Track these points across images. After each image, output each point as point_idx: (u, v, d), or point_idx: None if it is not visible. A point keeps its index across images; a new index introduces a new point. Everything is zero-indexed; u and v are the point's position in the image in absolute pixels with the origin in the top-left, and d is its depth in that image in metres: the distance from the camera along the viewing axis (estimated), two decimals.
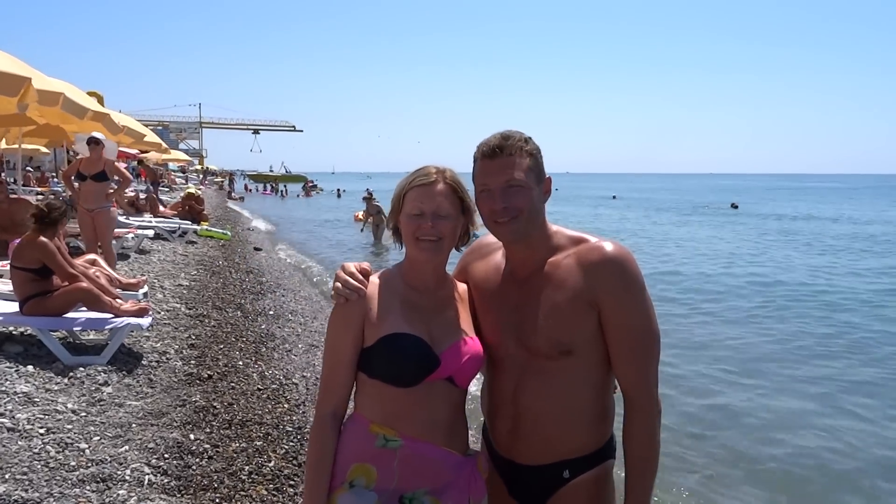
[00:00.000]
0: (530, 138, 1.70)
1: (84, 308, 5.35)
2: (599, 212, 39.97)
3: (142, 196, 17.35)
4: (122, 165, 8.55)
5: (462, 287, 1.85)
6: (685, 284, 13.29)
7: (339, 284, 1.69)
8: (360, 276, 1.70)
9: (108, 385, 4.75)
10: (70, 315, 5.27)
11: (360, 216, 25.61)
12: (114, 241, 8.59)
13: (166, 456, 3.82)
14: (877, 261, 17.39)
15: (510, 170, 1.64)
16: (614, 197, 60.14)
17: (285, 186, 59.36)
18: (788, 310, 11.03)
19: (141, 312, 5.41)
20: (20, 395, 4.25)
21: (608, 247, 1.68)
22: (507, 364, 1.75)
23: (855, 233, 26.15)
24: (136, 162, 25.99)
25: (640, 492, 1.70)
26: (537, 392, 1.71)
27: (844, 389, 6.86)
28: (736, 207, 40.80)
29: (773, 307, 11.24)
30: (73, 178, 8.12)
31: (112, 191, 8.34)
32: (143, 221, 13.78)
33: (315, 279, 12.58)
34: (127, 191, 11.08)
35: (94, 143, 7.95)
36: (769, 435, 5.67)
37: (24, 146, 13.56)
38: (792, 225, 30.49)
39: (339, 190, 56.76)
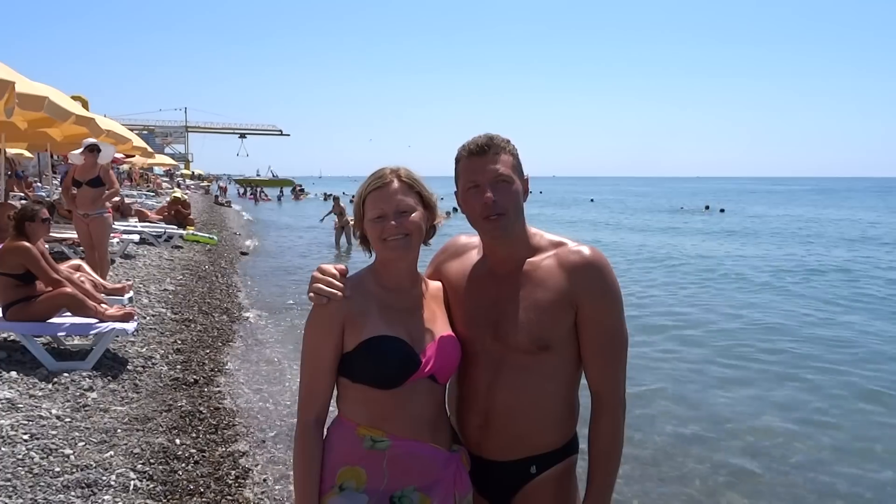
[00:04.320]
0: (510, 140, 1.79)
1: (68, 313, 5.31)
2: (564, 212, 40.79)
3: (127, 200, 17.23)
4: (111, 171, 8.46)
5: (435, 285, 1.87)
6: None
7: (317, 286, 1.68)
8: (340, 277, 1.69)
9: (93, 390, 4.72)
10: (54, 320, 5.23)
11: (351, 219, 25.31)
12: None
13: (152, 461, 3.81)
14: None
15: (497, 165, 1.72)
16: (592, 200, 62.44)
17: (262, 190, 58.13)
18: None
19: (126, 317, 5.37)
20: (3, 402, 4.21)
21: (587, 251, 1.76)
22: (481, 359, 1.78)
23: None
24: (125, 166, 25.81)
25: (602, 485, 1.76)
26: (511, 386, 1.75)
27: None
28: (718, 209, 41.25)
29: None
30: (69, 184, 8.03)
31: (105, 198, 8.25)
32: (128, 226, 13.68)
33: (301, 281, 12.56)
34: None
35: (89, 149, 7.88)
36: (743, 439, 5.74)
37: (7, 150, 13.41)
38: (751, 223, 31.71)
39: (325, 194, 56.84)
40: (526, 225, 1.82)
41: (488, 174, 1.71)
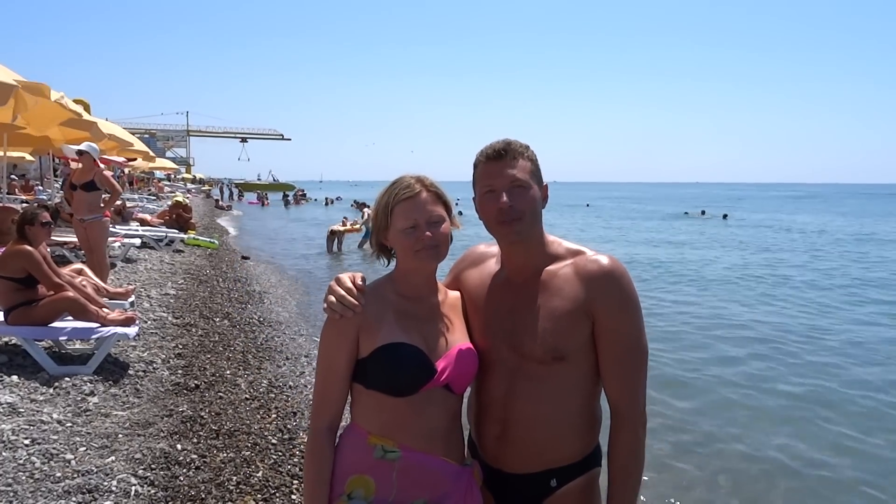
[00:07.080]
0: (529, 146, 1.78)
1: (70, 317, 5.30)
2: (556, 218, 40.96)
3: (129, 204, 17.24)
4: (108, 174, 8.43)
5: (454, 294, 1.86)
6: None
7: (333, 299, 1.66)
8: (357, 293, 1.68)
9: (94, 395, 4.71)
10: (56, 324, 5.23)
11: (357, 226, 25.45)
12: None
13: (153, 466, 3.80)
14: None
15: (514, 171, 1.70)
16: (588, 205, 62.19)
17: (266, 194, 57.95)
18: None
19: (127, 322, 5.37)
20: (4, 406, 4.21)
21: (606, 260, 1.72)
22: (497, 368, 1.76)
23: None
24: (126, 170, 25.79)
25: (623, 501, 1.71)
26: (528, 396, 1.72)
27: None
28: (721, 215, 41.40)
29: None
30: (68, 188, 8.08)
31: (104, 203, 8.26)
32: (129, 230, 13.69)
33: (302, 285, 12.54)
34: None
35: (79, 154, 7.94)
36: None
37: (8, 153, 13.44)
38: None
39: (327, 199, 56.22)
40: (544, 233, 1.80)
41: (504, 179, 1.69)
